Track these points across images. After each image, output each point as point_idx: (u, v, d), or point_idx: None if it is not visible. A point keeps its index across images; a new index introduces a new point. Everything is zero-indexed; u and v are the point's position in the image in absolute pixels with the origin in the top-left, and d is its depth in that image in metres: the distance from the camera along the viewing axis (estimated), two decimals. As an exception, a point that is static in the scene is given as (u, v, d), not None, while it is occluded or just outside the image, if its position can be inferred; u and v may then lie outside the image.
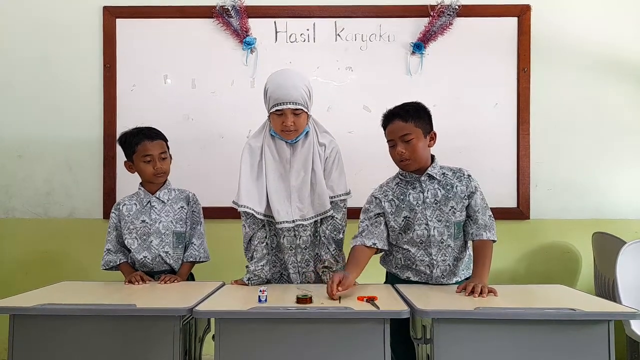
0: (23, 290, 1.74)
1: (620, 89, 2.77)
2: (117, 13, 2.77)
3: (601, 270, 2.51)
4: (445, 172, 1.87)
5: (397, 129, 1.81)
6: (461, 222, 1.84)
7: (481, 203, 1.84)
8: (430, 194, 1.83)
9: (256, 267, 1.91)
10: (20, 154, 2.81)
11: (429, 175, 1.84)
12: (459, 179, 1.85)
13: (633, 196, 2.77)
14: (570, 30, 2.77)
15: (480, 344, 1.43)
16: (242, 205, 1.90)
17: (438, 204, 1.83)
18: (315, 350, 1.44)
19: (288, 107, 1.83)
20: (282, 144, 1.92)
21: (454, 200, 1.82)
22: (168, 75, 2.79)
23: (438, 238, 1.82)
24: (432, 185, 1.84)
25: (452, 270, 1.84)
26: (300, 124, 1.87)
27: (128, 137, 2.07)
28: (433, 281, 1.84)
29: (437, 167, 1.86)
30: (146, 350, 1.48)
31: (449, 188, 1.84)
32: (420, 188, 1.84)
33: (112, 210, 2.09)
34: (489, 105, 2.77)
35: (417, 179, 1.85)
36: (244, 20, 2.74)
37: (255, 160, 1.93)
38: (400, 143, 1.80)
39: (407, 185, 1.87)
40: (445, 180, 1.85)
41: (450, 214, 1.82)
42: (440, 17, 2.72)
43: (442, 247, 1.82)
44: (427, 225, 1.81)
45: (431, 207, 1.82)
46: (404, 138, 1.79)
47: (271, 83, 1.88)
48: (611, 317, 1.43)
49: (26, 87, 2.80)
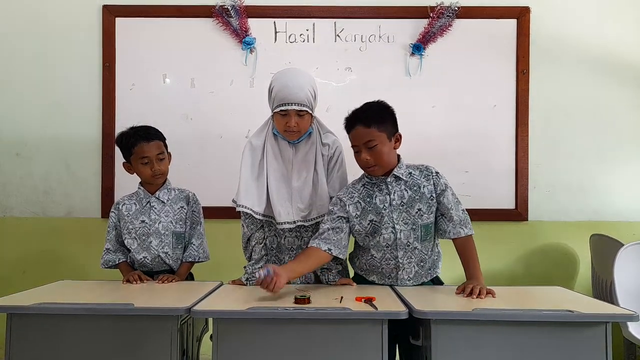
0: (21, 289, 1.73)
1: (619, 91, 2.78)
2: (116, 12, 2.77)
3: (599, 272, 2.51)
4: (411, 172, 1.81)
5: (360, 135, 1.74)
6: (429, 225, 1.79)
7: (453, 199, 1.79)
8: (397, 196, 1.78)
9: (254, 269, 1.90)
10: (18, 153, 2.80)
11: (395, 177, 1.79)
12: (427, 178, 1.80)
13: (631, 198, 2.78)
14: (569, 32, 2.78)
15: (478, 345, 1.43)
16: (240, 205, 1.88)
17: (405, 206, 1.77)
18: (313, 351, 1.44)
19: (293, 108, 1.80)
20: (285, 144, 1.91)
21: (420, 202, 1.77)
22: (167, 75, 2.79)
23: (404, 241, 1.77)
24: (398, 187, 1.79)
25: (418, 271, 1.81)
26: (304, 126, 1.85)
27: (125, 138, 2.03)
28: (398, 283, 1.81)
29: (402, 167, 1.80)
30: (144, 350, 1.48)
31: (415, 189, 1.78)
32: (386, 190, 1.79)
33: (112, 210, 2.09)
34: (487, 107, 2.77)
35: (383, 181, 1.80)
36: (244, 20, 2.74)
37: (257, 160, 1.91)
38: (365, 150, 1.74)
39: (373, 187, 1.82)
40: (412, 180, 1.80)
41: (417, 216, 1.77)
42: (440, 18, 2.73)
43: (408, 249, 1.78)
44: (394, 228, 1.77)
45: (397, 209, 1.77)
46: (367, 144, 1.73)
47: (277, 82, 1.84)
48: (608, 319, 1.43)
49: (25, 85, 2.79)
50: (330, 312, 1.44)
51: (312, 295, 1.57)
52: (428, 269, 1.84)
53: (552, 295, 1.74)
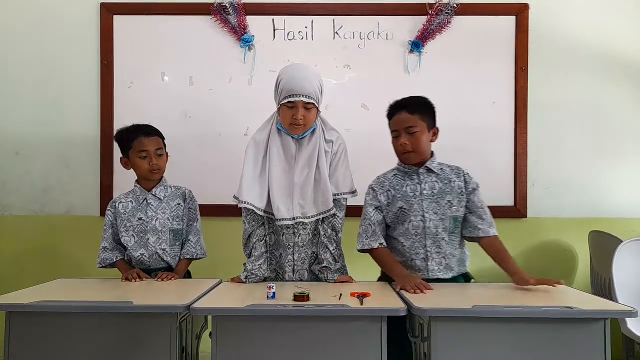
0: (20, 287, 1.73)
1: (617, 88, 2.78)
2: (114, 10, 2.76)
3: (597, 269, 2.52)
4: (443, 167, 1.90)
5: (403, 120, 1.84)
6: (457, 217, 1.86)
7: (482, 200, 1.88)
8: (428, 186, 1.86)
9: (253, 266, 1.89)
10: (17, 151, 2.80)
11: (428, 169, 1.87)
12: (457, 175, 1.89)
13: (630, 195, 2.78)
14: (568, 28, 2.77)
15: (477, 341, 1.43)
16: (242, 201, 1.88)
17: (435, 197, 1.85)
18: (313, 348, 1.44)
19: (300, 100, 1.80)
20: (288, 139, 1.90)
21: (451, 195, 1.85)
22: (165, 73, 2.78)
23: (433, 230, 1.83)
24: (429, 178, 1.87)
25: (447, 264, 1.85)
26: (310, 120, 1.85)
27: (124, 133, 2.06)
28: (429, 275, 1.83)
29: (435, 161, 1.89)
30: (143, 347, 1.48)
31: (446, 182, 1.87)
32: (417, 180, 1.87)
33: (108, 208, 2.08)
34: (486, 104, 2.77)
35: (415, 171, 1.88)
36: (242, 18, 2.73)
37: (260, 155, 1.91)
38: (405, 134, 1.83)
39: (404, 176, 1.90)
40: (443, 174, 1.88)
41: (446, 207, 1.84)
42: (438, 15, 2.72)
43: (436, 239, 1.84)
44: (423, 216, 1.83)
45: (428, 198, 1.85)
46: (408, 130, 1.82)
47: (284, 74, 1.85)
48: (607, 316, 1.43)
49: (23, 83, 2.79)
50: (329, 309, 1.45)
51: (311, 292, 1.57)
52: (457, 263, 1.87)
53: (551, 291, 1.74)
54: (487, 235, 1.84)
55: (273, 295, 1.54)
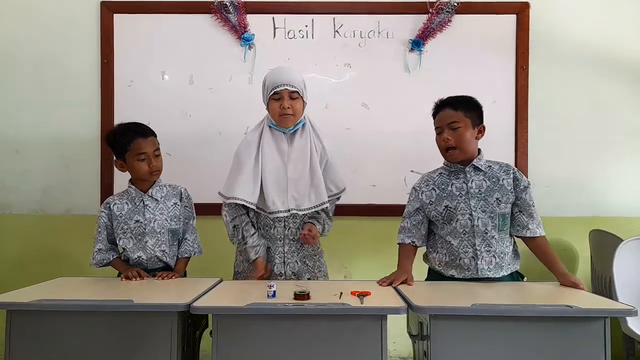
0: (20, 286, 1.73)
1: (618, 87, 2.78)
2: (114, 8, 2.76)
3: (598, 268, 2.51)
4: (491, 165, 1.87)
5: (446, 116, 1.83)
6: (506, 214, 1.82)
7: (533, 199, 1.85)
8: (475, 185, 1.83)
9: (253, 240, 1.95)
10: (18, 150, 2.80)
11: (475, 167, 1.84)
12: (506, 173, 1.85)
13: (630, 194, 2.78)
14: (569, 27, 2.77)
15: (477, 340, 1.43)
16: (233, 197, 1.92)
17: (482, 195, 1.82)
18: (313, 347, 1.44)
19: (285, 88, 1.89)
20: (280, 135, 1.96)
21: (499, 192, 1.82)
22: (166, 71, 2.78)
23: (482, 229, 1.80)
24: (477, 177, 1.84)
25: (498, 262, 1.81)
26: (297, 110, 1.92)
27: (118, 135, 1.98)
28: (479, 275, 1.79)
29: (482, 159, 1.86)
30: (144, 346, 1.48)
31: (494, 180, 1.83)
32: (464, 178, 1.84)
33: (102, 210, 2.02)
34: (487, 103, 2.69)
35: (461, 170, 1.85)
36: (242, 16, 2.73)
37: (252, 153, 1.95)
38: (447, 130, 1.82)
39: (450, 175, 1.87)
40: (491, 172, 1.85)
41: (495, 204, 1.81)
42: (439, 14, 2.72)
43: (485, 237, 1.80)
44: (471, 215, 1.80)
45: (475, 197, 1.82)
46: (451, 125, 1.81)
47: (269, 74, 1.97)
48: (607, 314, 1.43)
49: (23, 82, 2.79)
50: (330, 308, 1.44)
51: (311, 291, 1.57)
52: (508, 262, 1.84)
53: (551, 290, 1.75)
54: (535, 235, 1.83)
55: (274, 294, 1.54)
